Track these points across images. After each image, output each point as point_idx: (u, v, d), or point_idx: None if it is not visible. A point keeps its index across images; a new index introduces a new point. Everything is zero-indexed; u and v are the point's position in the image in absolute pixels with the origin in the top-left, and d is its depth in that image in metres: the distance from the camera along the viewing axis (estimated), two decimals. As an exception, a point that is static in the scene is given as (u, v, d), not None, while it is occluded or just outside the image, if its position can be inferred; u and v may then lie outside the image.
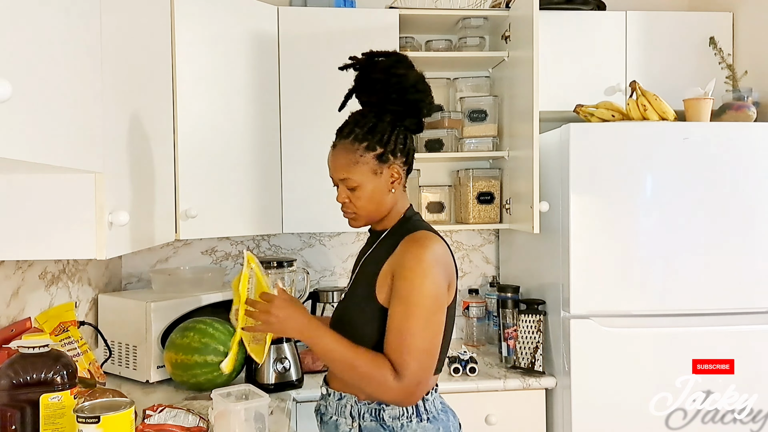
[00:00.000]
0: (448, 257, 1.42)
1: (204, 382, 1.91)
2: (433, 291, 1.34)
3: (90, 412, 1.17)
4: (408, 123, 1.45)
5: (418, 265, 1.34)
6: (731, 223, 2.09)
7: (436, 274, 1.35)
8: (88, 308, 2.15)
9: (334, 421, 1.46)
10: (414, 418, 1.39)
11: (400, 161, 1.44)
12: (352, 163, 1.42)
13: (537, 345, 2.19)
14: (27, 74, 0.92)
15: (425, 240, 1.38)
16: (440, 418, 1.43)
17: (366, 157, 1.42)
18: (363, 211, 1.46)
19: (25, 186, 1.26)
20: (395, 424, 1.39)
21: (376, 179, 1.43)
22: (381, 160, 1.42)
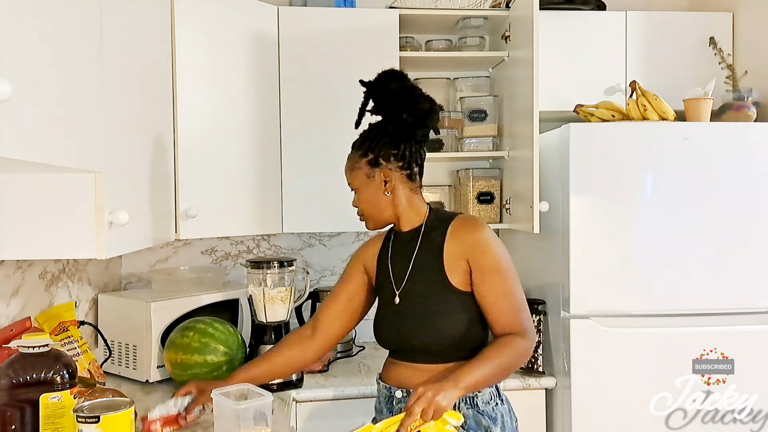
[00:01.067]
0: None
1: (204, 382, 1.91)
2: (507, 255, 1.54)
3: (90, 412, 1.17)
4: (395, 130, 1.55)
5: (489, 238, 1.51)
6: (731, 223, 2.09)
7: (499, 241, 1.55)
8: (88, 308, 2.15)
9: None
10: (498, 401, 1.54)
11: (394, 165, 1.53)
12: (351, 169, 1.59)
13: (537, 345, 2.18)
14: (27, 74, 0.92)
15: (477, 219, 1.58)
16: (506, 400, 1.59)
17: (360, 163, 1.56)
18: (367, 213, 1.60)
19: (25, 186, 1.26)
20: (488, 408, 1.50)
21: (370, 183, 1.55)
22: (372, 165, 1.54)
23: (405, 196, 1.56)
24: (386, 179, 1.54)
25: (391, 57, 2.30)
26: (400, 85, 1.55)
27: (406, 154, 1.54)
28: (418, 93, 1.55)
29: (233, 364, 1.94)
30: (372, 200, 1.56)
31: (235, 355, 1.94)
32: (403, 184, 1.55)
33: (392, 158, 1.53)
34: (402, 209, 1.56)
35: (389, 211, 1.57)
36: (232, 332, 1.98)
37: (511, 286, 1.50)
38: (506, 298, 1.49)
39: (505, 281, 1.49)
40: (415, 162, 1.56)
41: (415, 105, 1.53)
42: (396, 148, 1.53)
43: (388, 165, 1.53)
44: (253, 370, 1.65)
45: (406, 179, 1.55)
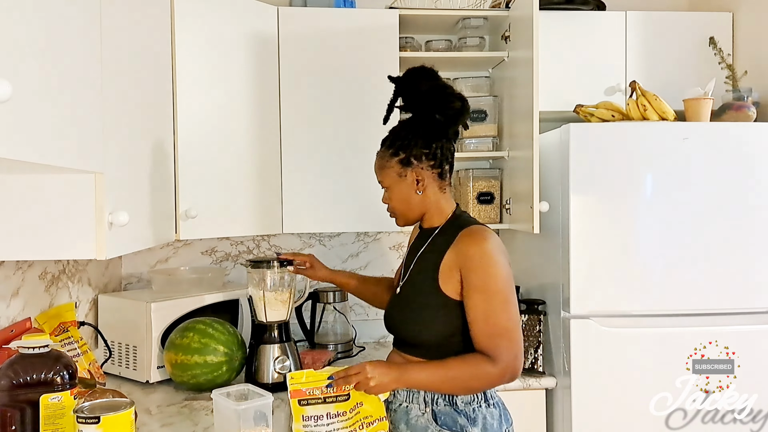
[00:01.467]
0: (502, 244, 1.53)
1: (204, 383, 1.91)
2: (504, 273, 1.47)
3: (90, 413, 1.17)
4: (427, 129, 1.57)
5: (484, 255, 1.47)
6: (731, 223, 2.09)
7: (501, 257, 1.48)
8: (88, 308, 2.15)
9: (405, 407, 1.55)
10: (483, 403, 1.52)
11: (426, 164, 1.56)
12: (381, 167, 1.61)
13: (537, 345, 2.19)
14: (27, 74, 0.92)
15: (483, 232, 1.51)
16: (500, 404, 1.57)
17: (391, 162, 1.58)
18: (398, 211, 1.63)
19: (25, 186, 1.26)
20: (467, 409, 1.50)
21: (402, 182, 1.58)
22: (404, 164, 1.56)
23: (434, 195, 1.59)
24: (418, 178, 1.56)
25: (391, 57, 2.30)
26: (431, 84, 1.57)
27: (438, 153, 1.56)
28: (450, 92, 1.57)
29: (233, 365, 1.94)
30: (404, 198, 1.59)
31: (235, 356, 1.94)
32: (433, 182, 1.58)
33: (424, 158, 1.55)
34: (429, 207, 1.60)
35: (420, 208, 1.60)
36: (232, 333, 1.98)
37: (494, 309, 1.45)
38: (485, 320, 1.45)
39: (488, 303, 1.45)
40: (446, 160, 1.58)
41: (448, 104, 1.55)
42: (428, 148, 1.55)
43: (420, 164, 1.55)
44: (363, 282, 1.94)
45: (437, 178, 1.58)
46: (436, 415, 1.50)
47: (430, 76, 1.58)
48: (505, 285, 1.47)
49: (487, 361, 1.43)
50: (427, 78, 1.58)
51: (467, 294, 1.47)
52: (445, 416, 1.49)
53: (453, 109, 1.56)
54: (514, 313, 1.47)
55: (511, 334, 1.45)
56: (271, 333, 2.01)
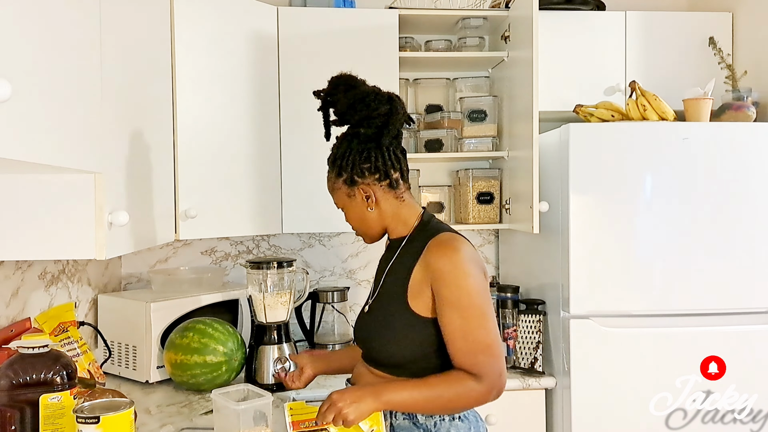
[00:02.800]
0: (475, 252, 1.43)
1: (203, 383, 1.91)
2: (477, 286, 1.36)
3: (90, 413, 1.17)
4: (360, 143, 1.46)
5: (455, 268, 1.36)
6: (731, 223, 2.09)
7: (473, 268, 1.37)
8: (87, 308, 2.15)
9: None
10: (446, 417, 1.41)
11: (371, 179, 1.46)
12: (332, 190, 1.54)
13: (537, 345, 2.19)
14: (27, 74, 0.92)
15: (453, 242, 1.40)
16: (470, 417, 1.45)
17: (338, 183, 1.50)
18: (359, 231, 1.55)
19: (25, 186, 1.26)
20: (428, 423, 1.40)
21: (352, 201, 1.49)
22: (349, 184, 1.47)
23: (390, 207, 1.49)
24: (367, 195, 1.47)
25: (390, 57, 2.31)
26: (351, 94, 1.46)
27: (380, 165, 1.45)
28: (372, 98, 1.44)
29: (232, 365, 1.94)
30: (359, 217, 1.50)
31: (235, 356, 1.94)
32: (385, 195, 1.48)
33: (367, 173, 1.45)
34: (389, 221, 1.50)
35: (379, 224, 1.50)
36: (232, 333, 1.98)
37: (470, 325, 1.34)
38: (464, 337, 1.34)
39: (464, 319, 1.34)
40: (393, 168, 1.47)
41: (372, 113, 1.43)
42: (367, 161, 1.45)
43: (365, 180, 1.46)
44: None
45: (387, 189, 1.47)
46: (394, 429, 1.43)
47: (348, 85, 1.47)
48: (480, 298, 1.36)
49: (472, 380, 1.33)
50: (345, 89, 1.47)
51: (440, 311, 1.36)
52: (403, 431, 1.42)
53: (380, 116, 1.43)
54: (493, 326, 1.37)
55: (492, 350, 1.35)
56: (271, 333, 2.01)
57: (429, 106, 2.61)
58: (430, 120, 2.55)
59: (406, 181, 1.51)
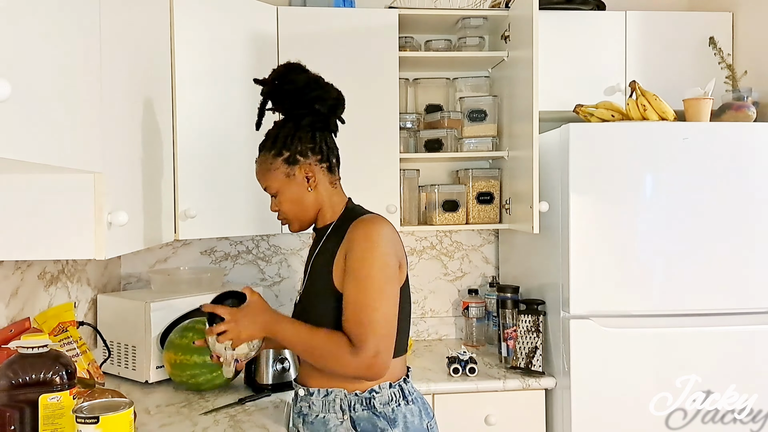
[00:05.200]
0: (396, 237, 1.46)
1: (203, 382, 1.91)
2: (383, 262, 1.39)
3: (89, 413, 1.17)
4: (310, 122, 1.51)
5: (366, 240, 1.40)
6: (731, 223, 2.09)
7: (384, 245, 1.40)
8: (87, 308, 2.15)
9: (321, 418, 1.47)
10: (401, 401, 1.47)
11: (313, 159, 1.50)
12: (266, 171, 1.53)
13: (536, 345, 2.18)
14: (27, 74, 0.91)
15: (373, 220, 1.45)
16: (418, 400, 1.52)
17: (276, 164, 1.51)
18: (291, 214, 1.54)
19: (25, 186, 1.26)
20: (386, 410, 1.45)
21: (291, 181, 1.51)
22: (290, 163, 1.50)
23: (326, 191, 1.53)
24: (308, 175, 1.50)
25: (390, 57, 2.30)
26: (305, 76, 1.51)
27: (323, 147, 1.51)
28: (324, 82, 1.52)
29: (233, 365, 1.93)
30: (296, 199, 1.52)
31: (235, 356, 1.93)
32: (324, 177, 1.52)
33: (310, 153, 1.50)
34: (323, 204, 1.53)
35: (314, 207, 1.53)
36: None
37: (364, 296, 1.37)
38: (354, 305, 1.37)
39: (359, 289, 1.37)
40: (332, 153, 1.53)
41: (326, 94, 1.51)
42: (312, 141, 1.50)
43: (308, 160, 1.50)
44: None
45: (326, 172, 1.53)
46: (354, 422, 1.44)
47: (300, 69, 1.52)
48: (382, 273, 1.38)
49: (348, 347, 1.36)
50: (298, 72, 1.52)
51: (345, 277, 1.40)
52: (364, 422, 1.43)
53: (332, 98, 1.51)
54: (386, 305, 1.38)
55: (374, 326, 1.35)
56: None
57: (429, 105, 2.61)
58: (430, 120, 2.55)
59: (338, 169, 1.57)
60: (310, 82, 1.50)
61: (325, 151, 1.52)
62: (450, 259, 2.76)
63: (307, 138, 1.50)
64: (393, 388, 1.47)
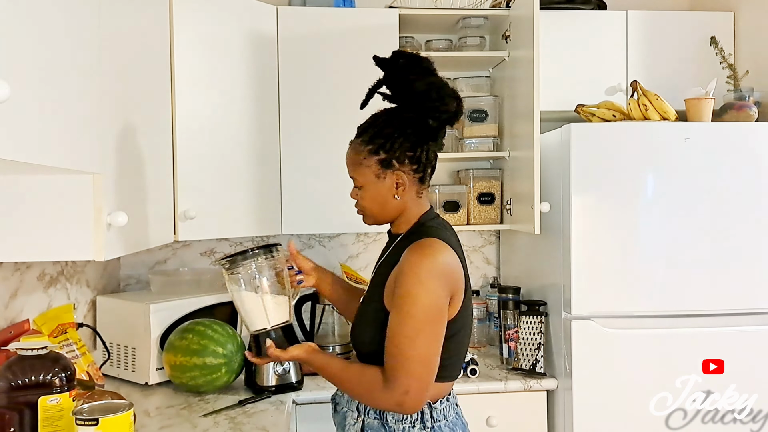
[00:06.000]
0: (453, 266, 1.37)
1: (203, 384, 1.90)
2: (428, 301, 1.32)
3: (89, 415, 1.16)
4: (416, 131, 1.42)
5: (414, 273, 1.32)
6: (732, 224, 2.08)
7: (432, 282, 1.32)
8: (86, 310, 2.14)
9: (344, 412, 1.49)
10: (417, 424, 1.38)
11: (407, 168, 1.42)
12: (357, 163, 1.45)
13: (538, 346, 2.18)
14: (26, 75, 0.91)
15: (427, 248, 1.36)
16: (444, 429, 1.41)
17: (369, 161, 1.42)
18: (368, 211, 1.48)
19: (23, 187, 1.25)
20: (397, 427, 1.38)
21: (379, 183, 1.43)
22: (384, 166, 1.41)
23: (410, 200, 1.45)
24: (399, 182, 1.42)
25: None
26: (428, 81, 1.41)
27: (422, 158, 1.42)
28: (447, 92, 1.41)
29: (232, 367, 1.93)
30: (379, 201, 1.44)
31: (234, 357, 1.93)
32: (412, 187, 1.44)
33: (407, 161, 1.41)
34: (404, 212, 1.46)
35: (394, 213, 1.46)
36: (231, 334, 1.97)
37: (402, 331, 1.31)
38: (392, 338, 1.32)
39: (400, 324, 1.31)
40: (430, 164, 1.44)
41: (443, 106, 1.40)
42: (413, 151, 1.40)
43: (402, 168, 1.41)
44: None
45: (417, 182, 1.44)
46: (364, 426, 1.42)
47: (426, 71, 1.42)
48: (423, 312, 1.31)
49: (380, 382, 1.33)
50: (422, 73, 1.42)
51: (392, 304, 1.35)
52: (372, 430, 1.41)
53: (448, 112, 1.41)
54: (425, 344, 1.31)
55: (409, 364, 1.30)
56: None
57: (429, 106, 2.60)
58: (430, 120, 2.54)
59: (429, 181, 1.49)
60: (429, 89, 1.40)
61: (423, 162, 1.42)
62: (450, 260, 2.75)
63: (409, 146, 1.40)
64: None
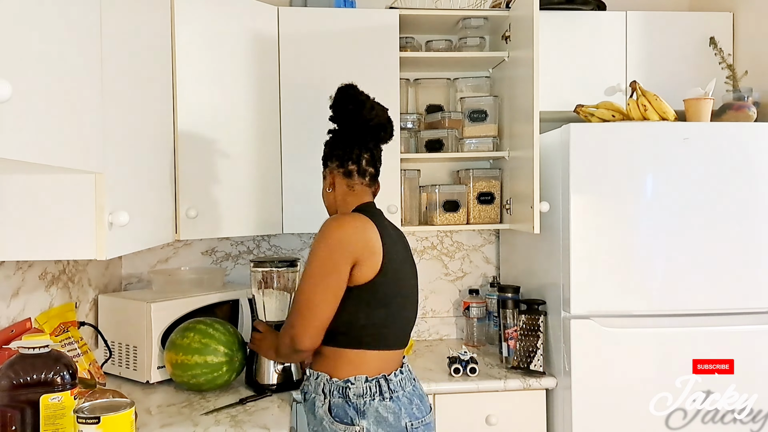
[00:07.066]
0: (357, 234, 1.58)
1: (204, 383, 1.91)
2: (323, 255, 1.55)
3: (90, 413, 1.17)
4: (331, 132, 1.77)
5: (318, 236, 1.58)
6: (731, 224, 2.09)
7: (331, 242, 1.55)
8: (88, 309, 2.15)
9: (312, 398, 1.64)
10: (377, 396, 1.56)
11: (333, 165, 1.73)
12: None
13: (537, 345, 2.18)
14: (27, 74, 0.92)
15: (334, 220, 1.62)
16: (402, 399, 1.59)
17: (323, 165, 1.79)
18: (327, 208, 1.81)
19: (26, 186, 1.26)
20: (359, 402, 1.56)
21: (324, 182, 1.78)
22: (323, 166, 1.78)
23: (341, 193, 1.73)
24: (328, 178, 1.75)
25: (391, 57, 2.31)
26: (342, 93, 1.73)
27: (339, 154, 1.71)
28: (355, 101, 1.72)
29: (233, 365, 1.94)
30: (323, 195, 1.79)
31: (235, 356, 1.94)
32: (340, 181, 1.72)
33: (332, 158, 1.73)
34: (339, 205, 1.73)
35: (332, 205, 1.76)
36: (233, 333, 1.98)
37: (301, 285, 1.59)
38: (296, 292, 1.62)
39: (302, 279, 1.59)
40: (351, 161, 1.70)
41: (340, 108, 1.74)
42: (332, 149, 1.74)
43: (331, 164, 1.74)
44: None
45: (342, 177, 1.72)
46: (330, 407, 1.58)
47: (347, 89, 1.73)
48: (319, 264, 1.55)
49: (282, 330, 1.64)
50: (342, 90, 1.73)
51: None
52: (337, 408, 1.57)
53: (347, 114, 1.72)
54: (314, 293, 1.55)
55: (297, 308, 1.57)
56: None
57: (429, 106, 2.61)
58: (430, 120, 2.55)
59: (362, 176, 1.71)
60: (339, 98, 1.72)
61: (341, 158, 1.71)
62: (451, 260, 2.76)
63: (329, 149, 1.75)
64: (369, 383, 1.57)
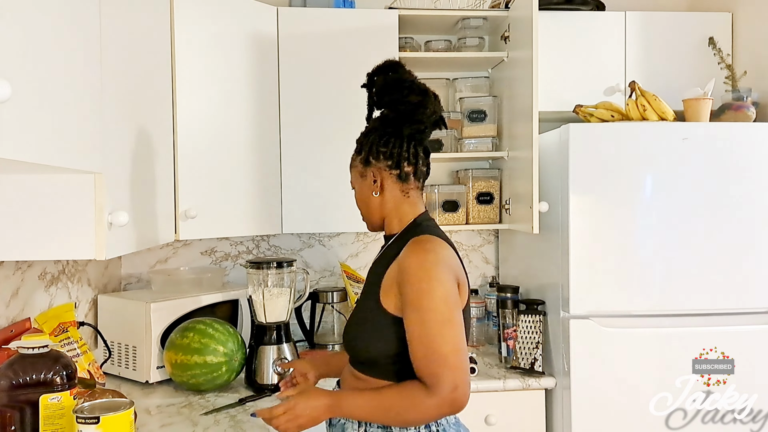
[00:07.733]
0: (454, 259, 1.39)
1: (203, 383, 1.91)
2: (443, 292, 1.31)
3: (89, 413, 1.17)
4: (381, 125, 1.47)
5: (422, 268, 1.31)
6: (731, 223, 2.09)
7: (441, 274, 1.32)
8: (87, 309, 2.15)
9: (342, 424, 1.44)
10: (423, 429, 1.36)
11: (383, 164, 1.45)
12: (351, 166, 1.55)
13: (536, 345, 2.19)
14: (27, 74, 0.92)
15: (427, 243, 1.36)
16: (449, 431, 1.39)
17: (355, 161, 1.52)
18: (362, 214, 1.55)
19: (25, 186, 1.26)
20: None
21: (362, 182, 1.50)
22: (364, 164, 1.48)
23: (393, 198, 1.47)
24: (375, 179, 1.46)
25: (390, 57, 2.29)
26: (387, 77, 1.46)
27: (395, 153, 1.44)
28: (407, 85, 1.43)
29: (233, 365, 1.94)
30: (363, 200, 1.51)
31: (235, 356, 1.94)
32: (392, 185, 1.46)
33: (382, 156, 1.44)
34: (387, 212, 1.48)
35: (378, 212, 1.49)
36: (232, 333, 1.98)
37: (429, 330, 1.28)
38: (420, 342, 1.29)
39: (423, 323, 1.29)
40: (407, 161, 1.44)
41: (401, 99, 1.42)
42: (385, 146, 1.44)
43: (378, 163, 1.45)
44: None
45: (396, 180, 1.46)
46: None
47: (389, 68, 1.48)
48: (443, 303, 1.29)
49: (423, 391, 1.28)
50: (384, 71, 1.47)
51: (404, 311, 1.32)
52: None
53: (408, 104, 1.42)
54: (453, 335, 1.29)
55: (447, 360, 1.27)
56: (271, 334, 2.01)
57: (429, 106, 2.61)
58: (429, 120, 2.55)
59: (417, 180, 1.48)
60: (388, 84, 1.45)
61: (396, 157, 1.44)
62: (450, 260, 2.76)
63: (380, 141, 1.45)
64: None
